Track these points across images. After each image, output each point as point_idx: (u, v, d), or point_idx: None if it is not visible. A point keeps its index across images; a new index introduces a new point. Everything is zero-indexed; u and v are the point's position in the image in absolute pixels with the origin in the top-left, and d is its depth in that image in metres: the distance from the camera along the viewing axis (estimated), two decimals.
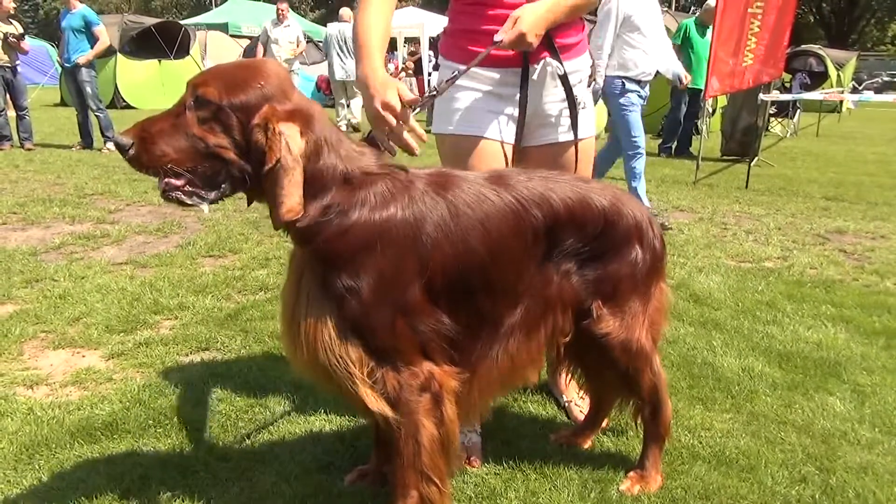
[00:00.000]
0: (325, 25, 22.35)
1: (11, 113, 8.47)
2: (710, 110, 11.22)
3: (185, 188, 1.38)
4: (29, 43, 8.66)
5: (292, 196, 1.34)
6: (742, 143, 8.90)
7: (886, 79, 29.55)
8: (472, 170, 1.88)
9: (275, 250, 4.29)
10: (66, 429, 2.13)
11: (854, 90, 17.36)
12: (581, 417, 2.27)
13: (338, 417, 2.23)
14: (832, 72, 18.26)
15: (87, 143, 8.75)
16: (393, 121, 1.60)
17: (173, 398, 2.34)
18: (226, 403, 2.32)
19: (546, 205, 1.59)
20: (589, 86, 2.13)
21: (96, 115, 8.60)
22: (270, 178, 1.35)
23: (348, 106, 10.78)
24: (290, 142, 1.34)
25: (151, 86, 15.32)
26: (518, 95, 2.00)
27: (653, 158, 9.13)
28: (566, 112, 2.07)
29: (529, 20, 1.81)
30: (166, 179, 1.37)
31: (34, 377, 2.55)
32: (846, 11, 37.36)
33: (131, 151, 1.35)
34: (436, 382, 1.51)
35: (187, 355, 2.76)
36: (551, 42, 1.95)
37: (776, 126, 12.18)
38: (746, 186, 7.07)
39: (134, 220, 5.15)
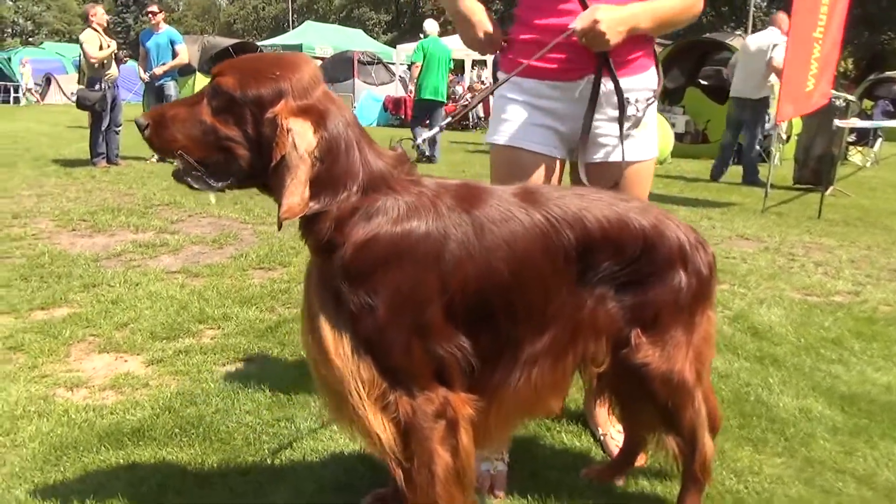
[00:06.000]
0: (395, 47, 22.87)
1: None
2: (784, 137, 10.79)
3: (194, 174, 1.38)
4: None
5: (293, 195, 1.29)
6: (816, 171, 8.46)
7: None
8: (520, 182, 1.82)
9: None
10: (96, 432, 2.16)
11: None
12: (616, 450, 2.14)
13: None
14: None
15: (161, 156, 9.10)
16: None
17: (202, 407, 2.34)
18: (253, 416, 2.30)
19: (579, 225, 1.49)
20: (650, 103, 2.00)
21: None
22: (275, 176, 1.31)
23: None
24: (297, 138, 1.29)
25: None
26: (563, 109, 1.93)
27: (719, 185, 8.83)
28: (616, 132, 1.95)
29: (609, 16, 1.74)
30: (179, 162, 1.38)
31: (76, 379, 2.60)
32: None
33: (146, 132, 1.37)
34: (451, 409, 1.43)
35: (223, 365, 2.77)
36: (605, 57, 1.86)
37: (855, 155, 11.58)
38: (819, 216, 6.71)
39: (193, 230, 5.29)
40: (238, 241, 4.99)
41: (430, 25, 10.44)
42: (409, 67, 11.94)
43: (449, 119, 1.81)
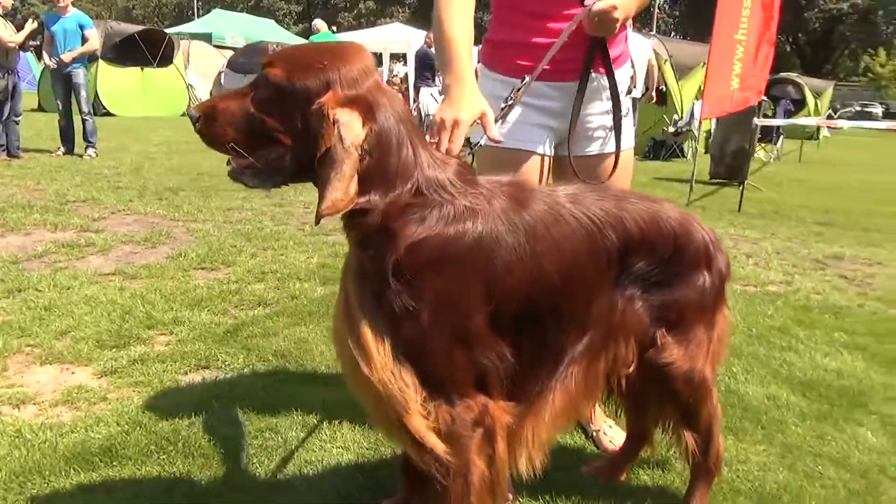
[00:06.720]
0: (308, 39, 22.33)
1: None
2: (696, 134, 11.33)
3: (248, 170, 1.31)
4: None
5: (336, 190, 1.21)
6: (731, 166, 8.93)
7: (858, 108, 30.42)
8: None
9: (270, 264, 4.13)
10: (61, 454, 1.96)
11: (829, 118, 17.72)
12: (610, 447, 2.16)
13: (355, 445, 2.08)
14: (810, 100, 18.60)
15: (68, 148, 8.50)
16: (445, 142, 1.51)
17: (176, 421, 2.18)
18: (233, 428, 2.16)
19: (620, 225, 1.48)
20: (628, 93, 2.04)
21: (84, 120, 8.37)
22: (320, 169, 1.23)
23: None
24: (344, 130, 1.21)
25: (133, 93, 15.07)
26: (560, 108, 1.93)
27: (644, 180, 9.15)
28: (607, 124, 1.99)
29: (623, 2, 1.74)
30: (233, 158, 1.32)
31: (21, 395, 2.37)
32: (822, 42, 38.31)
33: (198, 125, 1.30)
34: (489, 417, 1.38)
35: (186, 373, 2.60)
36: (606, 54, 1.87)
37: (759, 151, 12.32)
38: (739, 210, 7.08)
39: (119, 228, 4.95)
40: (171, 239, 4.72)
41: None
42: None
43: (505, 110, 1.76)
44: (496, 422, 1.39)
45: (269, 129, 1.27)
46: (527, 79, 1.76)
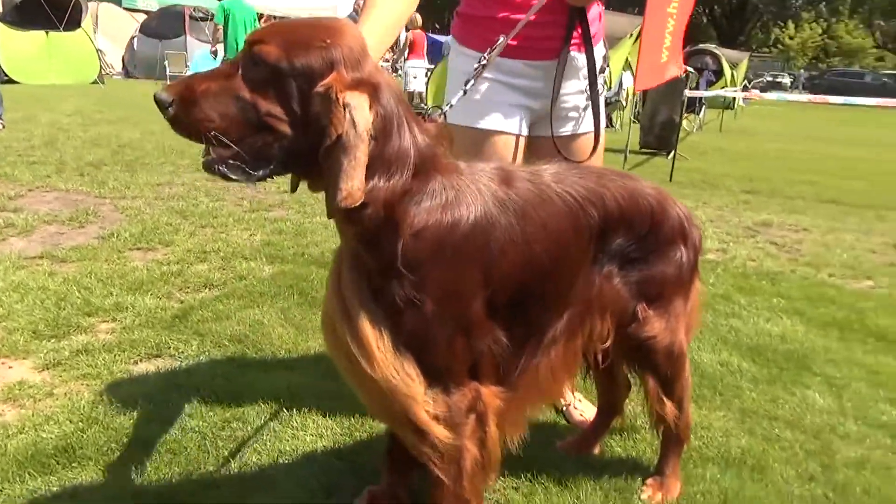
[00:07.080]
0: (219, 4, 21.36)
1: None
2: (624, 104, 11.58)
3: (230, 161, 1.17)
4: None
5: (352, 179, 1.12)
6: (660, 137, 9.19)
7: (769, 79, 31.83)
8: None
9: (211, 242, 3.96)
10: (11, 457, 1.82)
11: (745, 89, 18.51)
12: (580, 419, 2.20)
13: (328, 431, 2.03)
14: (727, 71, 19.29)
15: None
16: None
17: (134, 415, 2.06)
18: (197, 419, 2.06)
19: (600, 203, 1.49)
20: (601, 72, 2.04)
21: None
22: (330, 157, 1.14)
23: None
24: (356, 115, 1.13)
25: (38, 59, 14.07)
26: (538, 87, 1.91)
27: None
28: (581, 104, 1.98)
29: None
30: (210, 149, 1.18)
31: None
32: (737, 14, 39.71)
33: (171, 110, 1.14)
34: (481, 403, 1.37)
35: (137, 363, 2.46)
36: (586, 25, 1.85)
37: (684, 121, 12.71)
38: (671, 180, 7.29)
39: (40, 207, 4.63)
40: (100, 218, 4.45)
41: None
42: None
43: (472, 82, 1.70)
44: (488, 407, 1.39)
45: (262, 114, 1.15)
46: (496, 47, 1.72)
